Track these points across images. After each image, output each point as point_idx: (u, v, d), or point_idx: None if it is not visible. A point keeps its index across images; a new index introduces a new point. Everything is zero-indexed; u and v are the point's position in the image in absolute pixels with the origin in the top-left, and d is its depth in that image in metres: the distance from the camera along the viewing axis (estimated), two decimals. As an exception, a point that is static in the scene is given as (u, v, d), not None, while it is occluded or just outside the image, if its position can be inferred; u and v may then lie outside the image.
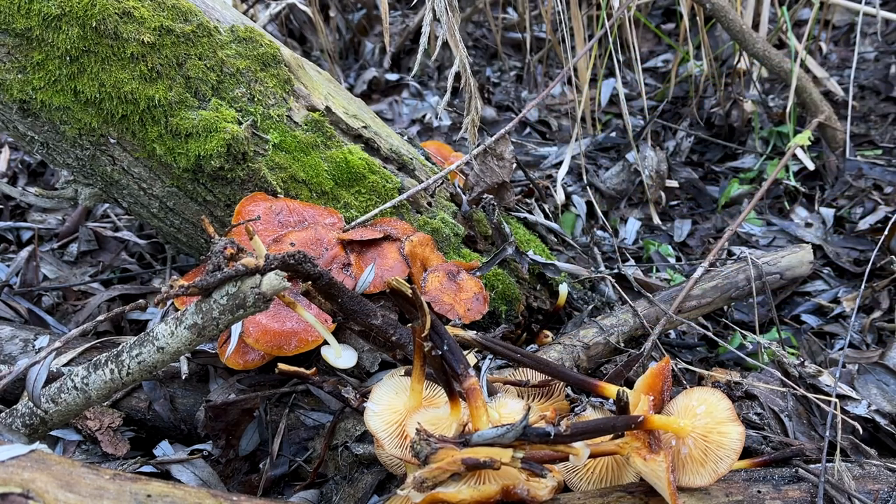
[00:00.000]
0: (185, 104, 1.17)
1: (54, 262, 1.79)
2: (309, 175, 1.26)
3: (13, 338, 1.30)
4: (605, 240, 2.05)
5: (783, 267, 1.58)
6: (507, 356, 1.03)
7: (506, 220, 1.55)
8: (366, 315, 1.00)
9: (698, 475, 0.93)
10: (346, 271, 1.17)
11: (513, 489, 0.82)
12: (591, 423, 0.87)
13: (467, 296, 1.23)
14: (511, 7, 3.24)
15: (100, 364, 0.95)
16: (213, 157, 1.17)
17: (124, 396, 1.20)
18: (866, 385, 1.34)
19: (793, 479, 0.97)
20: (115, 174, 1.23)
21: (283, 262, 0.85)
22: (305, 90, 1.30)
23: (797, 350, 1.65)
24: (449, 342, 0.92)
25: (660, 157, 2.19)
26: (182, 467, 1.13)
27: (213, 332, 0.87)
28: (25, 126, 1.18)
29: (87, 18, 1.08)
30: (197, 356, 1.24)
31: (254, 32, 1.25)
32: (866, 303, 1.76)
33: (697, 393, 1.00)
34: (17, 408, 1.02)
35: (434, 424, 0.90)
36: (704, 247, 2.08)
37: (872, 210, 2.05)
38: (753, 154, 2.39)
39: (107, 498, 0.70)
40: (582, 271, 1.51)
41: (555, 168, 2.31)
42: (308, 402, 1.20)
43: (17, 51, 1.10)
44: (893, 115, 2.52)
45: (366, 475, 1.10)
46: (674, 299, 1.46)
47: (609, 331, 1.40)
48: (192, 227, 1.30)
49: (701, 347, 1.67)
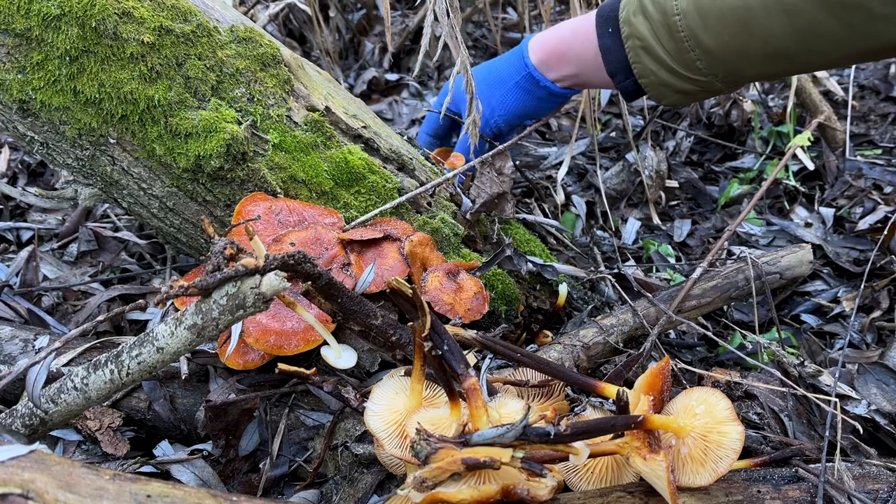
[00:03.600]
0: (185, 104, 1.17)
1: (54, 262, 1.79)
2: (309, 175, 1.26)
3: (13, 338, 1.30)
4: (604, 240, 2.05)
5: (783, 267, 1.58)
6: (507, 356, 1.03)
7: (506, 221, 1.55)
8: (366, 315, 1.00)
9: (698, 475, 0.93)
10: (345, 271, 1.17)
11: (513, 489, 0.82)
12: (590, 422, 0.87)
13: (467, 295, 1.23)
14: (511, 7, 3.24)
15: (99, 364, 0.95)
16: (213, 157, 1.17)
17: (124, 396, 1.20)
18: (866, 385, 1.34)
19: (793, 479, 0.97)
20: (114, 174, 1.23)
21: (283, 263, 0.85)
22: (305, 90, 1.30)
23: (797, 350, 1.65)
24: (448, 342, 0.92)
25: (660, 157, 2.19)
26: (182, 467, 1.13)
27: (213, 333, 0.87)
28: (25, 126, 1.19)
29: (87, 18, 1.08)
30: (197, 356, 1.24)
31: (253, 32, 1.25)
32: (866, 302, 1.76)
33: (697, 393, 1.00)
34: (16, 408, 1.02)
35: (434, 424, 0.90)
36: (704, 247, 2.08)
37: (872, 210, 2.05)
38: (753, 154, 2.39)
39: (106, 498, 0.70)
40: (580, 272, 1.51)
41: (555, 168, 2.31)
42: (308, 402, 1.20)
43: (16, 51, 1.10)
44: (893, 114, 2.52)
45: (366, 475, 1.10)
46: (673, 299, 1.46)
47: (609, 331, 1.40)
48: (191, 227, 1.30)
49: (701, 347, 1.67)
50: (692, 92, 1.29)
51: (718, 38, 1.17)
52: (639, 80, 1.30)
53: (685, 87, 1.27)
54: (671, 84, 1.28)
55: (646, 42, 1.24)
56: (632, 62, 1.29)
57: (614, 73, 1.34)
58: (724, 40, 1.17)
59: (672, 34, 1.21)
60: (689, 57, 1.22)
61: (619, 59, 1.31)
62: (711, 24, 1.17)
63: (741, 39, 1.15)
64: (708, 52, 1.19)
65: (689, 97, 1.32)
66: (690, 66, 1.23)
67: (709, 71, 1.22)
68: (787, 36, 1.12)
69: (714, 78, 1.24)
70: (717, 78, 1.24)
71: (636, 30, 1.25)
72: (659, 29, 1.22)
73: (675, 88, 1.28)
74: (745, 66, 1.19)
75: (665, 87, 1.29)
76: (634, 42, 1.26)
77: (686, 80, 1.25)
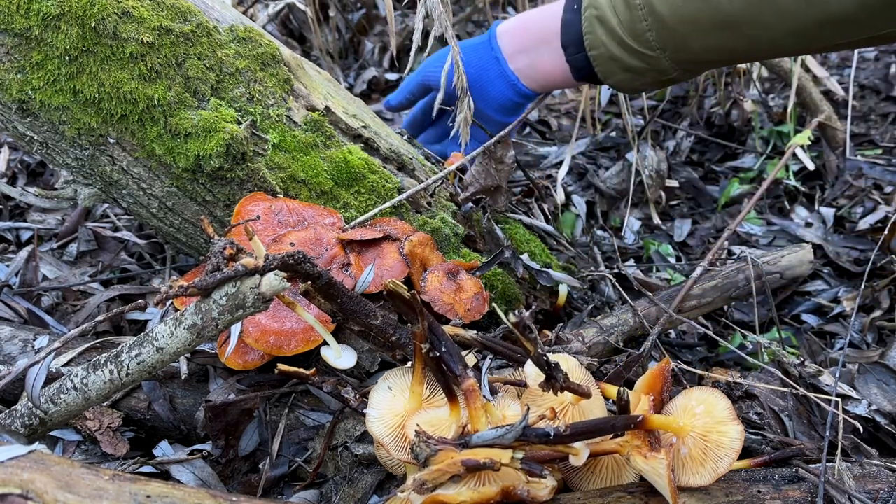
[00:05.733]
0: (185, 104, 1.17)
1: (54, 262, 1.79)
2: (308, 175, 1.26)
3: (12, 338, 1.30)
4: (604, 240, 2.05)
5: (783, 266, 1.58)
6: (508, 356, 1.03)
7: (505, 220, 1.55)
8: (365, 315, 1.00)
9: (698, 475, 0.93)
10: (345, 271, 1.17)
11: (513, 490, 0.82)
12: (590, 423, 0.87)
13: (467, 295, 1.23)
14: (511, 7, 3.24)
15: (99, 364, 0.95)
16: (213, 156, 1.17)
17: (124, 396, 1.20)
18: (867, 384, 1.34)
19: (793, 479, 0.97)
20: (114, 174, 1.23)
21: (283, 263, 0.84)
22: (305, 90, 1.30)
23: (797, 350, 1.64)
24: (447, 343, 0.92)
25: (660, 157, 2.19)
26: (182, 467, 1.13)
27: (213, 333, 0.87)
28: (25, 126, 1.18)
29: (87, 18, 1.08)
30: (196, 356, 1.24)
31: (253, 32, 1.25)
32: (866, 302, 1.76)
33: (697, 392, 1.00)
34: (16, 408, 1.02)
35: (434, 426, 0.90)
36: (704, 246, 2.08)
37: (872, 209, 2.05)
38: (753, 154, 2.39)
39: (106, 498, 0.70)
40: (574, 282, 1.51)
41: (555, 168, 2.31)
42: (308, 402, 1.20)
43: (16, 51, 1.10)
44: (893, 114, 2.52)
45: (366, 475, 1.10)
46: (674, 299, 1.46)
47: (609, 330, 1.40)
48: (191, 227, 1.30)
49: (701, 347, 1.67)
50: (640, 70, 1.28)
51: (672, 3, 1.18)
52: (589, 52, 1.31)
53: (633, 62, 1.27)
54: (620, 59, 1.28)
55: (601, 11, 1.26)
56: (584, 32, 1.30)
57: (567, 44, 1.35)
58: (677, 6, 1.17)
59: (628, 3, 1.22)
60: (640, 27, 1.22)
61: (576, 32, 1.32)
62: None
63: (693, 5, 1.16)
64: (660, 19, 1.20)
65: (636, 78, 1.31)
66: (640, 37, 1.23)
67: (658, 44, 1.23)
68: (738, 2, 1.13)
69: (662, 54, 1.24)
70: (664, 54, 1.24)
71: (596, 0, 1.28)
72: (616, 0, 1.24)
73: (623, 65, 1.28)
74: (693, 37, 1.19)
75: (613, 61, 1.29)
76: (591, 12, 1.28)
77: (635, 54, 1.26)
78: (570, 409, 1.00)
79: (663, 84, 1.34)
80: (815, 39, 1.15)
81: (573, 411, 1.01)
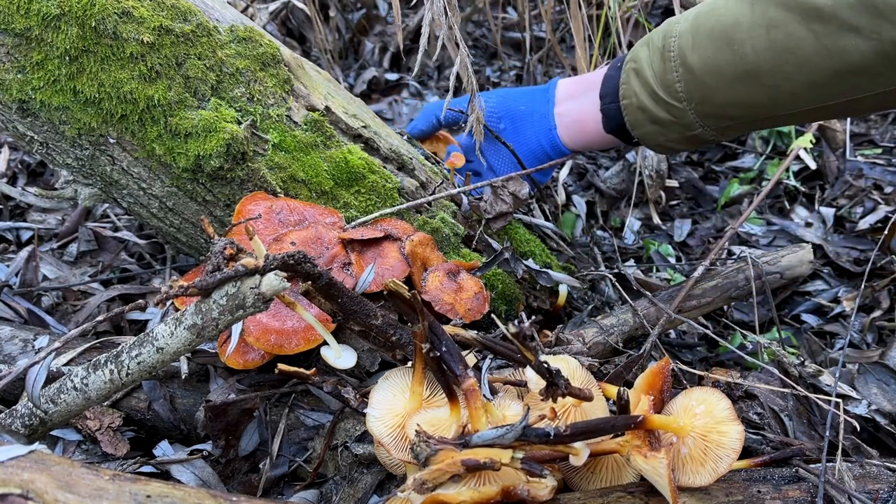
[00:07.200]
0: (185, 104, 1.17)
1: (54, 262, 1.79)
2: (308, 175, 1.26)
3: (13, 338, 1.30)
4: (604, 240, 2.05)
5: (783, 266, 1.58)
6: (508, 356, 1.03)
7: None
8: (366, 315, 1.00)
9: (698, 475, 0.93)
10: (346, 271, 1.17)
11: (513, 490, 0.82)
12: (590, 423, 0.87)
13: (468, 295, 1.23)
14: (511, 7, 3.24)
15: (99, 364, 0.95)
16: (213, 156, 1.17)
17: (124, 396, 1.20)
18: (866, 384, 1.34)
19: (793, 479, 0.97)
20: (114, 174, 1.23)
21: (283, 263, 0.84)
22: (305, 90, 1.30)
23: (797, 350, 1.65)
24: (447, 343, 0.92)
25: (660, 157, 2.19)
26: (182, 467, 1.13)
27: (213, 333, 0.87)
28: (25, 126, 1.18)
29: (87, 18, 1.08)
30: (197, 356, 1.24)
31: (253, 32, 1.25)
32: (866, 302, 1.76)
33: (697, 392, 1.00)
34: (16, 408, 1.02)
35: (434, 426, 0.90)
36: (704, 246, 2.08)
37: (872, 209, 2.06)
38: (753, 154, 2.39)
39: (106, 498, 0.70)
40: (574, 282, 1.52)
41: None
42: (308, 402, 1.20)
43: (16, 51, 1.10)
44: (893, 114, 2.52)
45: (366, 475, 1.10)
46: (674, 299, 1.46)
47: (609, 330, 1.40)
48: (191, 227, 1.30)
49: (701, 347, 1.67)
50: (665, 123, 1.32)
51: (702, 54, 1.22)
52: (621, 101, 1.37)
53: (660, 114, 1.31)
54: (648, 109, 1.32)
55: (639, 65, 1.32)
56: (621, 83, 1.37)
57: (605, 94, 1.41)
58: (707, 56, 1.21)
59: (663, 55, 1.28)
60: (671, 77, 1.27)
61: (614, 84, 1.39)
62: (700, 40, 1.22)
63: (721, 56, 1.20)
64: (689, 70, 1.24)
65: (662, 132, 1.35)
66: (670, 87, 1.27)
67: (685, 95, 1.26)
68: (762, 51, 1.16)
69: (687, 105, 1.27)
70: (690, 105, 1.27)
71: (636, 55, 1.34)
72: (654, 54, 1.30)
73: (651, 116, 1.33)
74: (717, 88, 1.23)
75: (642, 111, 1.34)
76: (631, 65, 1.35)
77: (662, 104, 1.30)
78: (571, 411, 1.00)
79: (689, 142, 1.37)
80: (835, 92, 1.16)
81: (574, 412, 1.01)
